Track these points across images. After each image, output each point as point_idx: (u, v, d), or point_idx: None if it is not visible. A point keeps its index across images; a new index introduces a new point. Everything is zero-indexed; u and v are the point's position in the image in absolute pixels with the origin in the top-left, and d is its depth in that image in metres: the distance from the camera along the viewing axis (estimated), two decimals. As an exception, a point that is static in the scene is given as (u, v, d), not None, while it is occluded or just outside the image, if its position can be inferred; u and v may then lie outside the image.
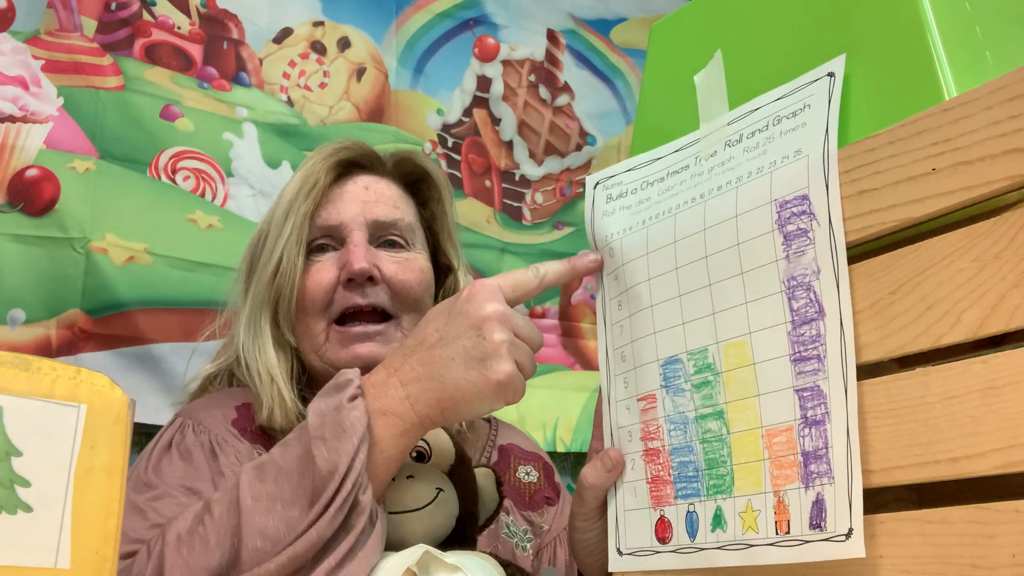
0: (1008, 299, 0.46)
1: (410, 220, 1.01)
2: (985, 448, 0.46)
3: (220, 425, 0.92)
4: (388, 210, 0.99)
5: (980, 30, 0.56)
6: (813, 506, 0.54)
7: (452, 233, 1.06)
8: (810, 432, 0.54)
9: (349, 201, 0.98)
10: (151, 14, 1.90)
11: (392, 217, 0.98)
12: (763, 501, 0.56)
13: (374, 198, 0.99)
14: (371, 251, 0.96)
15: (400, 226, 0.99)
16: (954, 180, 0.49)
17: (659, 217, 0.66)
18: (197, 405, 0.97)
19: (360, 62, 2.12)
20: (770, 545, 0.56)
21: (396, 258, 0.97)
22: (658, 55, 0.76)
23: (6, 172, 1.72)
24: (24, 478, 0.40)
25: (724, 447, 0.59)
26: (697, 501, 0.61)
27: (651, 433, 0.65)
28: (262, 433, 0.92)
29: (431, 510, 0.71)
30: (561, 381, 2.15)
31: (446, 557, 0.66)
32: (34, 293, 1.70)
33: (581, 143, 2.33)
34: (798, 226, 0.56)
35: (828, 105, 0.57)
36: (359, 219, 0.97)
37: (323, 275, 0.95)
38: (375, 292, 0.94)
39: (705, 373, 0.61)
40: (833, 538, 0.52)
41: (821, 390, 0.54)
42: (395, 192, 1.02)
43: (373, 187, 1.00)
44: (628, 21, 2.43)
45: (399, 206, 1.00)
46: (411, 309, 0.96)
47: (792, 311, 0.56)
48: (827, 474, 0.53)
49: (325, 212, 0.97)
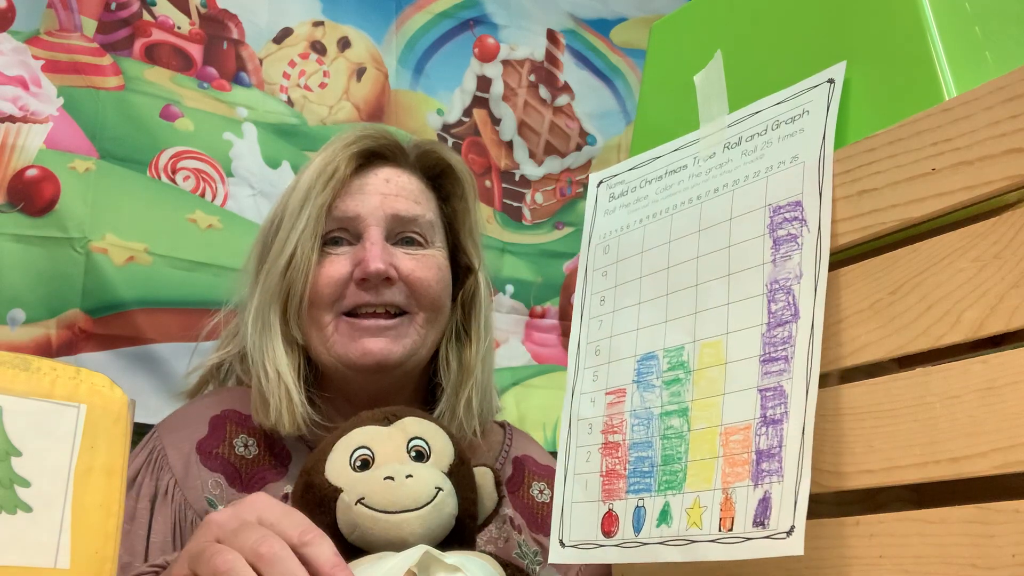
0: (1008, 299, 0.46)
1: (431, 217, 0.97)
2: (985, 448, 0.46)
3: (184, 454, 0.90)
4: (409, 205, 0.95)
5: (980, 30, 0.56)
6: (759, 504, 0.54)
7: (474, 231, 1.01)
8: (767, 431, 0.54)
9: (369, 194, 0.94)
10: (151, 14, 1.90)
11: (412, 213, 0.95)
12: (711, 498, 0.57)
13: (395, 191, 0.95)
14: (387, 249, 0.92)
15: (420, 223, 0.95)
16: (954, 180, 0.49)
17: (656, 216, 0.66)
18: (173, 420, 0.95)
19: (360, 62, 2.12)
20: (711, 541, 0.56)
21: (414, 255, 0.94)
22: (658, 55, 0.76)
23: (6, 172, 1.72)
24: (24, 478, 0.40)
25: (683, 444, 0.60)
26: (648, 496, 0.61)
27: (613, 427, 0.65)
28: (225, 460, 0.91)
29: (431, 510, 0.71)
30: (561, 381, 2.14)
31: (446, 557, 0.66)
32: (34, 293, 1.70)
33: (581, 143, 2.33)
34: (788, 231, 0.56)
35: (826, 112, 0.57)
36: (378, 213, 0.93)
37: (336, 269, 0.91)
38: (391, 291, 0.91)
39: (677, 371, 0.61)
40: (774, 535, 0.52)
41: (783, 390, 0.54)
42: (417, 186, 0.97)
43: (395, 180, 0.96)
44: (628, 21, 2.43)
45: (420, 201, 0.96)
46: (428, 308, 0.94)
47: (770, 313, 0.56)
48: (777, 472, 0.53)
49: (343, 204, 0.93)
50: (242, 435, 0.94)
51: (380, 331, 0.91)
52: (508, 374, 2.16)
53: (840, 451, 0.53)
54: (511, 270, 2.21)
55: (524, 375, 2.17)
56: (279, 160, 1.97)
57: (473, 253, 1.00)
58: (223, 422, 0.93)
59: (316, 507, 0.72)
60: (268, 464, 0.93)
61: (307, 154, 2.00)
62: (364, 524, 0.69)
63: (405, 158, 0.99)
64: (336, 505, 0.71)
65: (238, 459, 0.92)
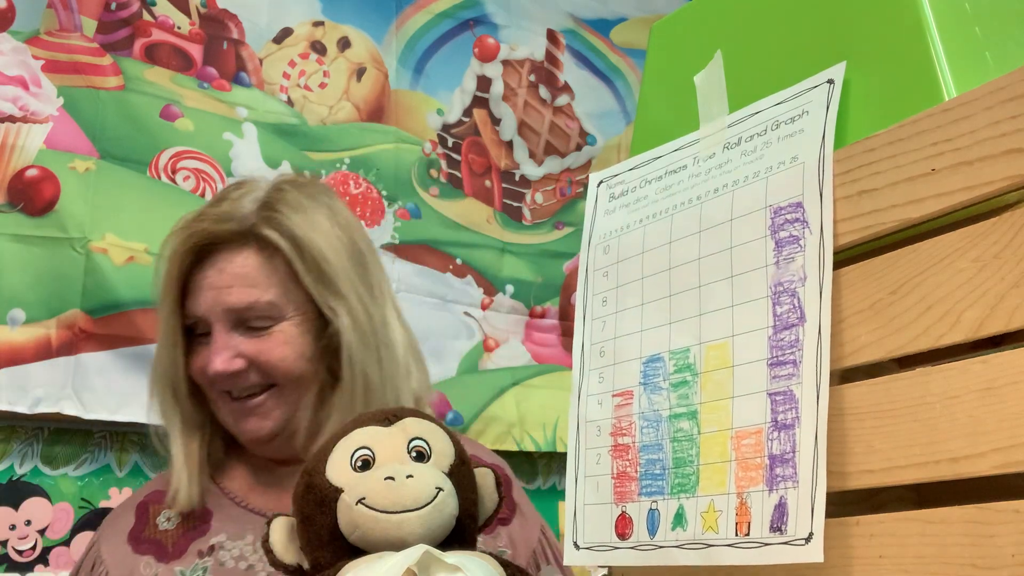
0: (1008, 299, 0.46)
1: (270, 296, 0.96)
2: (985, 448, 0.46)
3: (117, 548, 0.99)
4: (241, 295, 0.95)
5: (980, 30, 0.56)
6: (775, 509, 0.54)
7: (323, 280, 0.97)
8: (779, 436, 0.54)
9: (205, 289, 0.96)
10: (151, 14, 1.90)
11: (245, 301, 0.95)
12: (726, 502, 0.57)
13: (228, 283, 0.95)
14: (232, 341, 0.95)
15: (257, 307, 0.95)
16: (954, 180, 0.49)
17: (656, 217, 0.66)
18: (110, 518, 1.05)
19: (360, 62, 2.12)
20: (728, 546, 0.56)
21: (259, 339, 0.96)
22: (658, 55, 0.76)
23: (6, 172, 1.72)
24: None
25: (693, 447, 0.59)
26: (660, 499, 0.61)
27: (622, 429, 0.65)
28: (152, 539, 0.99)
29: (431, 510, 0.71)
30: (561, 381, 2.15)
31: (446, 557, 0.66)
32: (34, 293, 1.70)
33: (581, 143, 2.33)
34: (790, 233, 0.56)
35: (826, 112, 0.57)
36: (216, 309, 0.95)
37: (202, 362, 0.97)
38: (245, 376, 0.96)
39: (684, 373, 0.61)
40: (792, 542, 0.52)
41: (793, 395, 0.54)
42: (252, 264, 0.96)
43: (228, 269, 0.96)
44: (628, 21, 2.43)
45: (257, 283, 0.96)
46: (284, 380, 0.97)
47: (775, 316, 0.56)
48: (792, 478, 0.53)
49: (189, 303, 0.97)
50: (164, 511, 1.01)
51: (251, 411, 0.97)
52: (508, 374, 2.16)
53: (840, 451, 0.53)
54: (511, 270, 2.21)
55: (524, 375, 2.17)
56: (279, 160, 1.97)
57: (329, 302, 0.97)
58: (146, 506, 1.02)
59: (317, 507, 0.72)
60: (190, 526, 1.00)
61: (307, 154, 2.01)
62: (365, 524, 0.69)
63: (242, 237, 0.97)
64: (337, 505, 0.71)
65: (162, 534, 1.00)
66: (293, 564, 0.75)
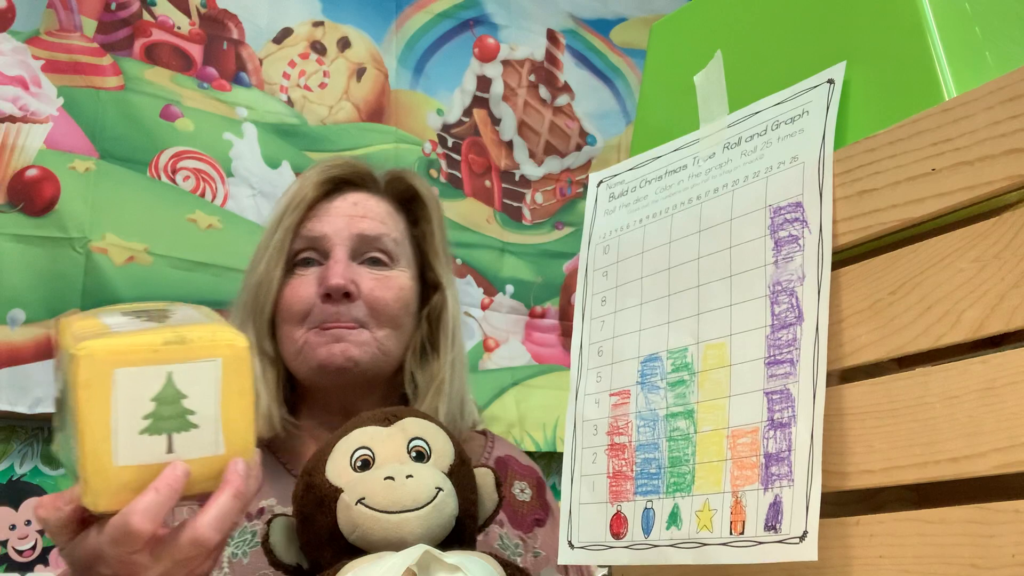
0: (1008, 299, 0.46)
1: (396, 236, 1.01)
2: (985, 448, 0.46)
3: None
4: (374, 225, 1.00)
5: (980, 30, 0.56)
6: (770, 508, 0.54)
7: (442, 251, 1.06)
8: (775, 434, 0.54)
9: (336, 215, 1.00)
10: (151, 14, 1.90)
11: (377, 232, 0.99)
12: (721, 501, 0.57)
13: (361, 213, 1.00)
14: (351, 267, 0.97)
15: (384, 242, 0.99)
16: (954, 180, 0.49)
17: (656, 216, 0.66)
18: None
19: (360, 62, 2.12)
20: (723, 545, 0.56)
21: (376, 275, 0.98)
22: (658, 55, 0.76)
23: (6, 172, 1.72)
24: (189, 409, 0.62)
25: (689, 446, 0.60)
26: (656, 498, 0.61)
27: (619, 428, 0.65)
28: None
29: (431, 510, 0.71)
30: (561, 381, 2.15)
31: (446, 557, 0.66)
32: (34, 293, 1.70)
33: (581, 143, 2.33)
34: (790, 232, 0.56)
35: (826, 112, 0.57)
36: (343, 233, 0.98)
37: (303, 289, 0.97)
38: (353, 307, 0.96)
39: (682, 372, 0.61)
40: (787, 540, 0.52)
41: (790, 393, 0.54)
42: (384, 209, 1.03)
43: (362, 203, 1.01)
44: (628, 21, 2.43)
45: (386, 222, 1.01)
46: (387, 325, 0.98)
47: (773, 315, 0.56)
48: (787, 476, 0.53)
49: (311, 225, 0.99)
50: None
51: (343, 337, 0.96)
52: (508, 374, 2.16)
53: (840, 451, 0.53)
54: (511, 270, 2.21)
55: (524, 375, 2.18)
56: (279, 160, 1.97)
57: (441, 272, 1.05)
58: None
59: (316, 507, 0.72)
60: None
61: (307, 154, 2.01)
62: (365, 524, 0.69)
63: (375, 184, 1.05)
64: (337, 505, 0.71)
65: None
66: (293, 564, 0.75)
